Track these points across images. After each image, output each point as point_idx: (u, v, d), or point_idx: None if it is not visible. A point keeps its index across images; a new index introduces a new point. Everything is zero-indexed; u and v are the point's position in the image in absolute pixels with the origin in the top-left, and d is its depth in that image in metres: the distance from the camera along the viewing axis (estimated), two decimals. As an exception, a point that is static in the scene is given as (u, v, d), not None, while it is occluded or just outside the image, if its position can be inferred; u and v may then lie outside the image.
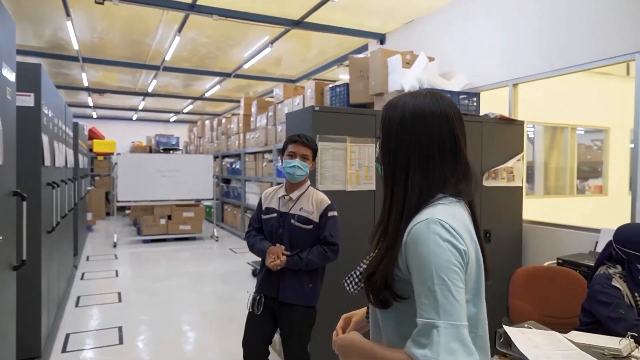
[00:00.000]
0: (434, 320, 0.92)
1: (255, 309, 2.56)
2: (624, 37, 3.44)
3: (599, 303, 2.09)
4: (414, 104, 1.10)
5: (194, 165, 9.23)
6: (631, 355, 1.79)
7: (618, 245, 2.20)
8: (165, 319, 4.56)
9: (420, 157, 1.07)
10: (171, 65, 9.11)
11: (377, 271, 1.05)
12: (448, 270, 0.95)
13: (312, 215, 2.50)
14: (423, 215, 1.03)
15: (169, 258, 7.72)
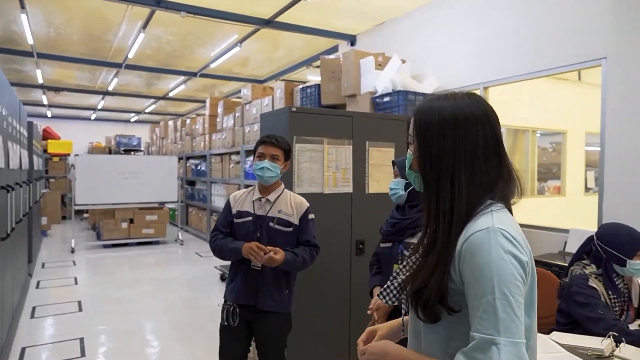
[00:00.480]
0: (493, 336, 0.88)
1: (230, 321, 2.44)
2: (590, 44, 3.55)
3: (577, 304, 2.12)
4: (453, 106, 1.05)
5: (157, 167, 8.93)
6: (613, 355, 1.82)
7: (601, 243, 2.23)
8: (129, 329, 4.34)
9: (464, 161, 1.02)
10: (134, 63, 8.78)
11: (428, 285, 0.99)
12: (511, 285, 0.91)
13: (292, 218, 2.42)
14: (480, 223, 0.97)
15: (132, 263, 7.42)
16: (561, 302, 2.27)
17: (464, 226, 0.99)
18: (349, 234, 3.21)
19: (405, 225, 2.09)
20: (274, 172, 2.41)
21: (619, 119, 3.37)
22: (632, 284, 2.29)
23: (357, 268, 3.21)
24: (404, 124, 3.52)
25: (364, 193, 3.28)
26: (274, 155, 2.41)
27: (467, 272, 0.95)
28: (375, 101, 4.56)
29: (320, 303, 3.08)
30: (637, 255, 2.15)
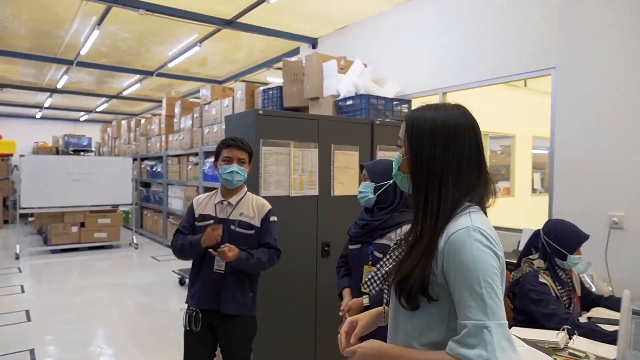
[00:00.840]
0: (484, 321, 0.98)
1: (193, 326, 2.40)
2: (541, 54, 3.76)
3: (531, 301, 2.24)
4: (444, 116, 1.15)
5: (110, 168, 8.61)
6: (567, 347, 1.95)
7: (547, 238, 2.39)
8: (83, 337, 4.16)
9: (452, 166, 1.12)
10: (86, 60, 8.41)
11: (412, 275, 1.09)
12: (492, 275, 1.02)
13: (253, 220, 2.41)
14: (460, 223, 1.08)
15: (83, 269, 7.11)
16: (516, 300, 2.39)
17: (447, 224, 1.09)
18: (315, 236, 3.24)
19: (375, 227, 2.13)
20: (242, 176, 2.41)
21: (567, 124, 3.59)
22: (572, 273, 2.46)
23: (323, 270, 3.24)
24: (368, 127, 3.59)
25: (330, 196, 3.32)
26: (241, 159, 2.40)
27: (451, 267, 1.05)
28: (338, 104, 4.61)
29: (287, 305, 3.09)
30: (577, 251, 2.33)
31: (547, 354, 1.74)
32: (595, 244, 3.24)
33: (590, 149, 3.42)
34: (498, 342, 0.97)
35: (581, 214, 3.36)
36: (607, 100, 3.32)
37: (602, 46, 3.35)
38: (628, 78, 3.21)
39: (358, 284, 2.17)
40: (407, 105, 4.57)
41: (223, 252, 2.22)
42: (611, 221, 3.24)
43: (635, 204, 3.15)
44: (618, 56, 3.26)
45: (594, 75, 3.40)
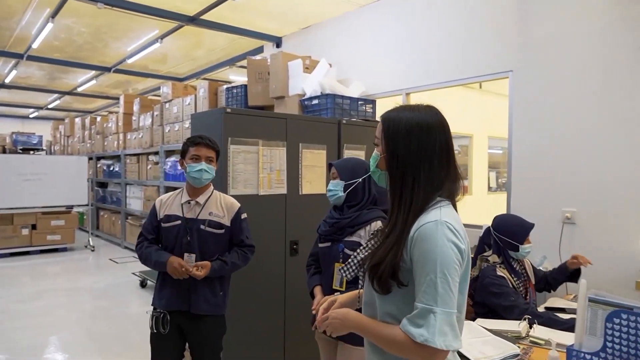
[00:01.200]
0: (432, 306, 1.09)
1: (161, 329, 2.35)
2: (500, 58, 3.93)
3: (492, 294, 2.35)
4: (418, 117, 1.23)
5: (64, 168, 8.26)
6: (528, 335, 2.06)
7: (496, 232, 2.52)
8: (41, 344, 3.99)
9: (424, 163, 1.20)
10: (38, 54, 8.02)
11: (384, 261, 1.17)
12: (450, 268, 1.11)
13: (223, 219, 2.40)
14: (430, 216, 1.17)
15: (36, 274, 6.78)
16: (476, 294, 2.50)
17: (418, 217, 1.18)
18: (284, 234, 3.25)
19: (345, 225, 2.16)
20: (210, 175, 2.39)
21: (523, 125, 3.77)
22: (525, 264, 2.61)
23: (292, 268, 3.26)
24: (335, 126, 3.64)
25: (298, 194, 3.34)
26: (209, 157, 2.38)
27: (416, 254, 1.14)
28: (304, 103, 4.63)
29: (255, 303, 3.08)
30: (526, 240, 2.48)
31: (511, 342, 1.84)
32: (550, 238, 3.43)
33: (544, 149, 3.61)
34: (440, 326, 1.07)
35: (537, 210, 3.54)
36: (560, 102, 3.52)
37: (556, 51, 3.54)
38: (579, 81, 3.41)
39: (329, 282, 2.20)
40: (372, 106, 4.65)
41: (196, 275, 2.25)
42: (564, 216, 3.44)
43: (585, 200, 3.36)
44: (571, 60, 3.46)
45: (548, 79, 3.59)
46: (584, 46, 3.39)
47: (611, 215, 3.23)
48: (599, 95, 3.31)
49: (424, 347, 1.08)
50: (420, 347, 1.09)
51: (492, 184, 9.28)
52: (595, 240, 3.29)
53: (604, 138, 3.27)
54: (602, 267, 3.14)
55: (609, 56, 3.26)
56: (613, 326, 1.49)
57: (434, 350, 1.08)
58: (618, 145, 3.20)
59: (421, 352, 1.09)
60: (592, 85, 3.34)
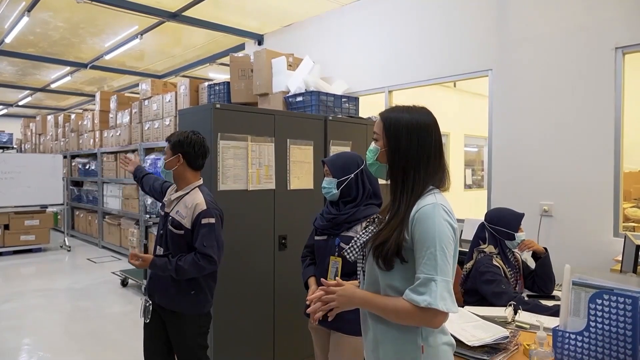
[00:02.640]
0: (432, 275, 1.25)
1: (145, 316, 2.38)
2: (480, 57, 4.06)
3: (485, 281, 2.45)
4: (417, 117, 1.40)
5: (38, 166, 8.05)
6: (514, 320, 2.16)
7: (491, 225, 2.63)
8: (19, 346, 3.91)
9: (423, 158, 1.37)
10: (10, 49, 7.78)
11: (390, 239, 1.32)
12: (446, 242, 1.28)
13: (184, 220, 2.28)
14: (427, 200, 1.34)
15: (10, 275, 6.60)
16: (468, 282, 2.60)
17: (416, 202, 1.35)
18: (272, 229, 3.28)
19: (342, 220, 2.20)
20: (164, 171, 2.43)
21: (502, 123, 3.91)
22: (518, 259, 2.73)
23: (280, 262, 3.29)
24: (322, 123, 3.69)
25: (286, 189, 3.38)
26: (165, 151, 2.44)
27: (417, 232, 1.30)
28: (288, 100, 4.67)
29: (245, 297, 3.11)
30: (520, 229, 2.61)
31: (500, 326, 1.93)
32: (528, 230, 3.55)
33: (523, 145, 3.75)
34: (441, 292, 1.23)
35: (516, 203, 3.64)
36: (538, 100, 3.67)
37: (534, 50, 3.69)
38: (556, 80, 3.56)
39: (323, 275, 2.25)
40: (355, 103, 4.73)
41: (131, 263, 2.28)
42: (542, 209, 3.59)
43: (561, 194, 3.52)
44: (547, 59, 3.61)
45: (526, 77, 3.74)
46: (560, 46, 3.54)
47: (586, 207, 3.39)
48: (574, 93, 3.46)
49: (427, 311, 1.24)
50: (423, 312, 1.24)
51: (468, 181, 9.52)
52: (571, 231, 3.44)
53: (579, 134, 3.43)
54: (577, 257, 3.30)
55: (583, 56, 3.42)
56: (596, 307, 1.59)
57: (436, 312, 1.23)
58: (592, 141, 3.37)
59: (424, 316, 1.25)
60: (568, 84, 3.50)
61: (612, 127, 3.27)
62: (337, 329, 2.18)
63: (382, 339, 1.41)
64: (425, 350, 1.35)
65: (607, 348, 1.55)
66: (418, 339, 1.35)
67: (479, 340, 1.77)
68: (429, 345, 1.36)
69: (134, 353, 3.66)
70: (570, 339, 1.65)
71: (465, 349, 1.75)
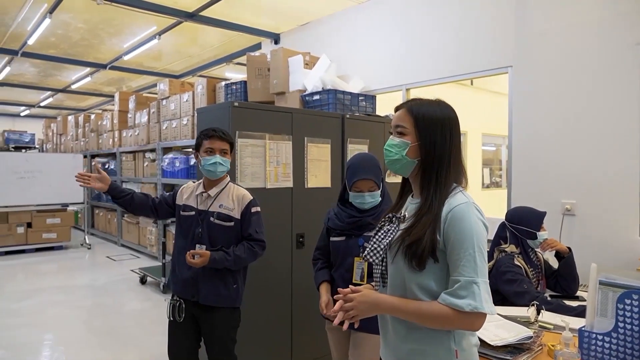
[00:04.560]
0: (473, 278, 1.21)
1: (177, 316, 2.38)
2: (499, 53, 3.99)
3: (506, 281, 2.40)
4: (446, 111, 1.37)
5: (60, 166, 8.20)
6: (537, 321, 2.11)
7: (512, 224, 2.58)
8: (42, 340, 3.99)
9: (453, 152, 1.34)
10: (33, 51, 7.94)
11: (423, 238, 1.26)
12: (483, 242, 1.25)
13: (232, 212, 2.40)
14: (458, 199, 1.29)
15: (33, 272, 6.74)
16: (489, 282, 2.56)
17: (445, 200, 1.30)
18: (290, 227, 3.28)
19: (368, 222, 2.16)
20: (225, 167, 2.41)
21: (523, 120, 3.84)
22: (540, 258, 2.67)
23: (298, 260, 3.29)
24: (339, 121, 3.67)
25: (304, 187, 3.37)
26: (223, 150, 2.40)
27: (452, 233, 1.24)
28: (305, 99, 4.66)
29: (263, 295, 3.11)
30: (542, 227, 2.55)
31: (524, 326, 1.89)
32: (550, 230, 3.48)
33: (544, 142, 3.68)
34: (483, 295, 1.20)
35: (537, 202, 3.57)
36: (559, 96, 3.59)
37: (555, 45, 3.61)
38: (578, 75, 3.48)
39: (345, 276, 2.21)
40: (372, 101, 4.70)
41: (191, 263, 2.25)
42: (564, 208, 3.52)
43: (584, 192, 3.44)
44: (569, 55, 3.53)
45: (547, 73, 3.66)
46: (581, 40, 3.46)
47: (610, 206, 3.31)
48: (596, 89, 3.38)
49: (470, 315, 1.20)
50: (465, 316, 1.20)
51: (486, 180, 9.39)
52: (595, 230, 3.36)
53: (602, 131, 3.35)
54: (601, 257, 3.22)
55: (606, 50, 3.33)
56: (624, 307, 1.55)
57: (479, 315, 1.21)
58: (616, 137, 3.28)
59: (466, 320, 1.21)
60: (590, 79, 3.42)
61: (636, 123, 3.18)
62: (357, 329, 2.16)
63: (409, 344, 1.34)
64: (459, 355, 1.30)
65: (637, 350, 1.50)
66: (451, 343, 1.30)
67: (502, 340, 1.74)
68: (463, 348, 1.31)
69: (152, 349, 3.70)
70: (598, 340, 1.61)
71: (488, 349, 1.72)
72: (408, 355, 1.35)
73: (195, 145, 2.46)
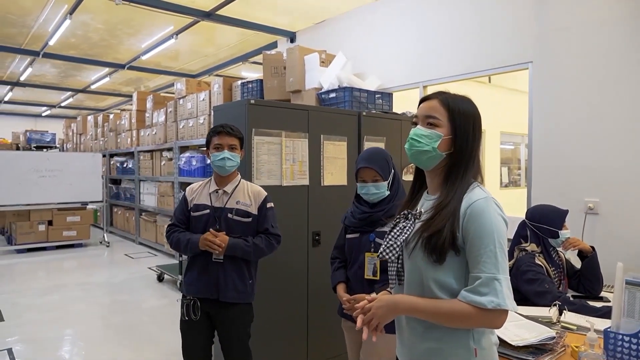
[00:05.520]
0: (495, 274, 1.18)
1: (192, 315, 2.39)
2: (519, 49, 3.92)
3: (527, 281, 2.34)
4: (474, 107, 1.36)
5: (79, 165, 8.36)
6: (559, 321, 2.06)
7: (532, 222, 2.52)
8: (62, 336, 4.06)
9: (478, 147, 1.34)
10: (53, 51, 8.09)
11: (443, 230, 1.23)
12: (503, 238, 1.22)
13: (250, 208, 2.41)
14: (476, 194, 1.27)
15: (54, 269, 6.87)
16: None
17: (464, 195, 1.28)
18: (306, 225, 3.27)
19: (379, 218, 2.15)
20: (234, 162, 2.40)
21: (543, 117, 3.76)
22: (562, 258, 2.60)
23: (314, 258, 3.28)
24: (355, 118, 3.65)
25: (320, 185, 3.35)
26: (231, 145, 2.39)
27: (472, 228, 1.22)
28: (321, 97, 4.65)
29: (279, 293, 3.11)
30: (564, 226, 2.48)
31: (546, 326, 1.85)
32: (573, 229, 3.40)
33: (565, 140, 3.59)
34: (505, 291, 1.17)
35: (558, 201, 3.49)
36: (581, 92, 3.50)
37: (576, 40, 3.53)
38: (601, 71, 3.39)
39: (359, 273, 2.20)
40: (389, 99, 4.66)
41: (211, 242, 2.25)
42: (586, 207, 3.43)
43: (607, 190, 3.35)
44: (591, 49, 3.45)
45: (569, 69, 3.58)
46: (604, 35, 3.37)
47: (635, 204, 3.21)
48: (620, 85, 3.29)
49: (492, 312, 1.17)
50: (487, 313, 1.17)
51: (504, 179, 9.24)
52: (619, 230, 3.28)
53: (626, 127, 3.26)
54: (625, 257, 3.13)
55: (630, 46, 3.24)
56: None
57: (501, 312, 1.18)
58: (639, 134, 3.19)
59: (487, 317, 1.18)
60: (613, 75, 3.32)
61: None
62: (373, 326, 2.14)
63: (426, 343, 1.31)
64: (478, 354, 1.27)
65: (666, 351, 1.45)
66: (470, 342, 1.27)
67: (523, 340, 1.70)
68: (482, 347, 1.28)
69: (169, 345, 3.73)
70: (624, 341, 1.56)
71: (509, 349, 1.68)
72: (425, 354, 1.32)
73: (206, 143, 2.47)
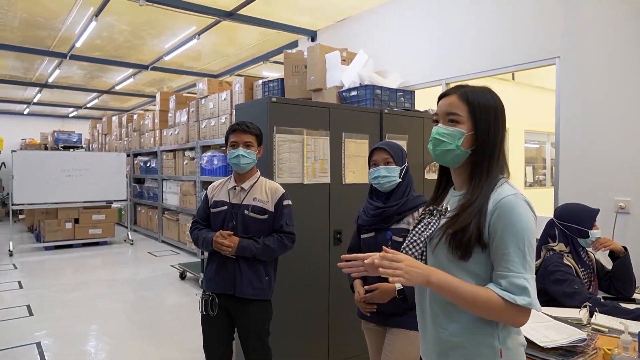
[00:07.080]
0: (523, 273, 1.17)
1: (210, 311, 2.40)
2: (545, 44, 3.82)
3: (555, 281, 2.27)
4: (497, 100, 1.31)
5: (104, 164, 8.55)
6: (590, 323, 1.99)
7: (561, 221, 2.44)
8: (88, 331, 4.14)
9: (501, 144, 1.30)
10: (80, 53, 8.28)
11: (469, 226, 1.21)
12: (533, 236, 1.20)
13: (266, 205, 2.42)
14: (505, 190, 1.23)
15: (80, 265, 7.03)
16: (537, 281, 2.43)
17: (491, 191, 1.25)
18: (327, 223, 3.25)
19: (393, 212, 2.11)
20: (249, 159, 2.40)
21: (571, 114, 3.65)
22: (592, 258, 2.52)
23: (335, 257, 3.25)
24: (377, 116, 3.62)
25: (341, 183, 3.34)
26: (247, 142, 2.41)
27: (500, 225, 1.19)
28: (342, 95, 4.62)
29: (300, 292, 3.10)
30: (594, 225, 2.40)
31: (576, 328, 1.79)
32: (603, 228, 3.30)
33: (595, 137, 3.48)
34: (534, 291, 1.17)
35: (588, 200, 3.41)
36: (611, 88, 3.39)
37: (605, 35, 3.42)
38: (631, 66, 3.28)
39: (376, 273, 2.16)
40: (410, 96, 4.60)
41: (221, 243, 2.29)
42: (617, 206, 3.32)
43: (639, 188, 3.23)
44: (621, 44, 3.33)
45: (598, 64, 3.47)
46: (634, 30, 3.25)
47: (669, 204, 3.10)
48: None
49: (520, 310, 1.17)
50: (516, 310, 1.17)
51: (529, 179, 9.04)
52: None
53: (661, 124, 3.14)
54: (660, 258, 3.01)
55: (666, 38, 3.12)
56: (692, 309, 1.43)
57: (528, 311, 1.19)
58: (676, 131, 3.07)
59: (515, 314, 1.18)
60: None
61: (700, 116, 2.97)
62: (393, 325, 2.11)
63: (450, 342, 1.28)
64: (503, 354, 1.24)
65: None
66: (495, 342, 1.24)
67: (553, 341, 1.64)
68: (507, 347, 1.25)
69: (191, 342, 3.77)
70: (660, 344, 1.49)
71: (537, 350, 1.63)
72: (448, 352, 1.29)
73: (225, 141, 2.49)
